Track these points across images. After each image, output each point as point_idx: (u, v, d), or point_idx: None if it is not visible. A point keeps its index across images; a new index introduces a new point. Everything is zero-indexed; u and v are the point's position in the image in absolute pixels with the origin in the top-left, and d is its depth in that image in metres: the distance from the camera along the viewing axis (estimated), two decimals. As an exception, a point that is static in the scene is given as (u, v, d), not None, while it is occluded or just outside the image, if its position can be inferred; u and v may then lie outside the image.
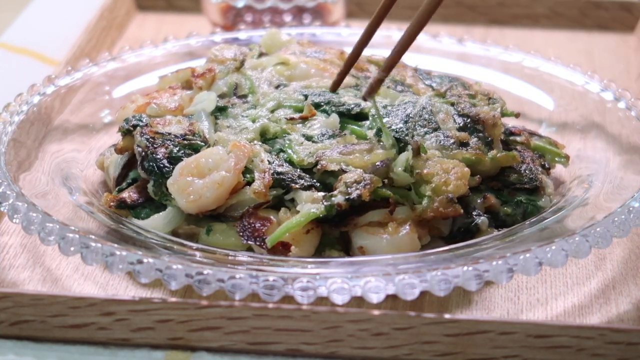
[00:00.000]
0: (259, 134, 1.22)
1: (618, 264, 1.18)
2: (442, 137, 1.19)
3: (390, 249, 1.11)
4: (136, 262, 1.03)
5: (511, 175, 1.21)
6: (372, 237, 1.12)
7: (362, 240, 1.12)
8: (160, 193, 1.17)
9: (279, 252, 1.10)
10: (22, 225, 1.09)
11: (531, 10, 1.82)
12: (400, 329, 1.03)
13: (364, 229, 1.13)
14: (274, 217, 1.13)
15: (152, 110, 1.27)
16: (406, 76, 1.33)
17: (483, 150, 1.19)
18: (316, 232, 1.13)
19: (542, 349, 1.02)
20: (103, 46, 1.69)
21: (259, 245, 1.11)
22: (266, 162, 1.16)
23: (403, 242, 1.11)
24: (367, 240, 1.12)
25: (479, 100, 1.27)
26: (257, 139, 1.21)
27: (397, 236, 1.11)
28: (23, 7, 1.83)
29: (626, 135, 1.28)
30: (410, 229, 1.12)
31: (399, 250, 1.11)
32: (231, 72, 1.32)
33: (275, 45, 1.40)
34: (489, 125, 1.22)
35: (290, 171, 1.16)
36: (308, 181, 1.15)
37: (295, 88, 1.29)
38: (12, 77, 1.58)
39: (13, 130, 1.25)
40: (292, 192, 1.15)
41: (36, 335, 1.07)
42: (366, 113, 1.24)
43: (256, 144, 1.19)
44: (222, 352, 1.06)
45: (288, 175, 1.15)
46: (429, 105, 1.24)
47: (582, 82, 1.39)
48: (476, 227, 1.16)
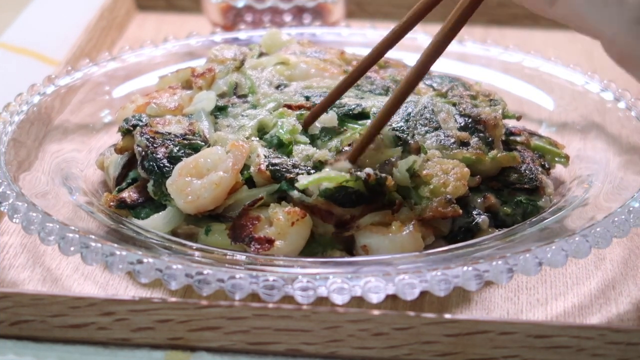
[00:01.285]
0: (257, 130, 1.22)
1: (618, 264, 1.18)
2: (442, 137, 1.19)
3: (393, 248, 1.11)
4: (136, 262, 1.03)
5: (511, 175, 1.21)
6: (375, 236, 1.12)
7: (366, 239, 1.12)
8: (160, 193, 1.17)
9: (264, 247, 1.10)
10: (22, 225, 1.09)
11: (531, 11, 1.81)
12: (400, 329, 1.03)
13: (368, 227, 1.12)
14: (263, 215, 1.13)
15: (151, 110, 1.27)
16: None
17: (483, 150, 1.19)
18: (304, 225, 1.12)
19: (542, 349, 1.02)
20: (103, 46, 1.69)
21: (246, 245, 1.11)
22: (262, 156, 1.16)
23: (406, 240, 1.11)
24: (370, 238, 1.12)
25: (480, 102, 1.27)
26: (254, 135, 1.21)
27: (401, 235, 1.11)
28: (23, 7, 1.83)
29: (626, 135, 1.28)
30: (414, 228, 1.12)
31: (403, 248, 1.11)
32: (231, 71, 1.32)
33: (275, 45, 1.40)
34: (490, 125, 1.22)
35: (284, 162, 1.16)
36: (303, 169, 1.15)
37: (296, 89, 1.29)
38: (12, 77, 1.58)
39: (13, 130, 1.25)
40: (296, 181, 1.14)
41: (36, 335, 1.07)
42: (367, 112, 1.23)
43: (253, 140, 1.19)
44: (222, 352, 1.06)
45: (282, 166, 1.15)
46: (430, 105, 1.24)
47: (582, 82, 1.39)
48: (477, 227, 1.16)
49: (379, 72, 1.33)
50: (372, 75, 1.31)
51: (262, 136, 1.21)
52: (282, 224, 1.11)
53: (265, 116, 1.23)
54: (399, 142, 1.17)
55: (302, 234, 1.12)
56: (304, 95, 1.27)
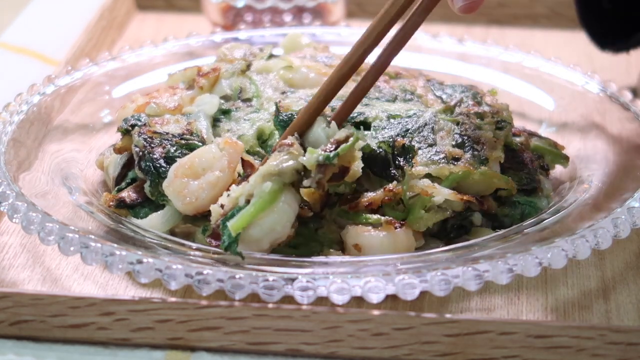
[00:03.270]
0: (256, 138, 1.21)
1: (618, 264, 1.18)
2: (432, 152, 1.17)
3: (386, 246, 1.10)
4: (136, 262, 1.03)
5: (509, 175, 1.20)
6: (367, 235, 1.11)
7: (357, 238, 1.11)
8: (157, 193, 1.17)
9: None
10: (22, 225, 1.09)
11: (531, 10, 1.81)
12: (400, 329, 1.03)
13: (360, 227, 1.12)
14: None
15: (151, 109, 1.27)
16: (417, 86, 1.30)
17: (474, 165, 1.16)
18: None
19: (542, 349, 1.02)
20: (103, 46, 1.69)
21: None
22: None
23: (399, 239, 1.11)
24: (362, 237, 1.11)
25: (486, 124, 1.23)
26: (256, 145, 1.20)
27: (394, 232, 1.11)
28: (23, 7, 1.82)
29: (626, 135, 1.28)
30: (406, 225, 1.12)
31: (395, 247, 1.10)
32: (237, 74, 1.31)
33: (294, 48, 1.39)
34: (489, 146, 1.19)
35: None
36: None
37: (301, 96, 1.27)
38: (12, 77, 1.58)
39: (13, 130, 1.25)
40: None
41: (36, 335, 1.07)
42: (369, 123, 1.21)
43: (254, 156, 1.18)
44: (222, 352, 1.06)
45: None
46: (432, 122, 1.21)
47: (582, 82, 1.39)
48: (470, 223, 1.15)
49: (389, 82, 1.31)
50: (380, 84, 1.30)
51: (261, 144, 1.21)
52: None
53: (263, 123, 1.22)
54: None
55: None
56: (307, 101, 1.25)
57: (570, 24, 1.79)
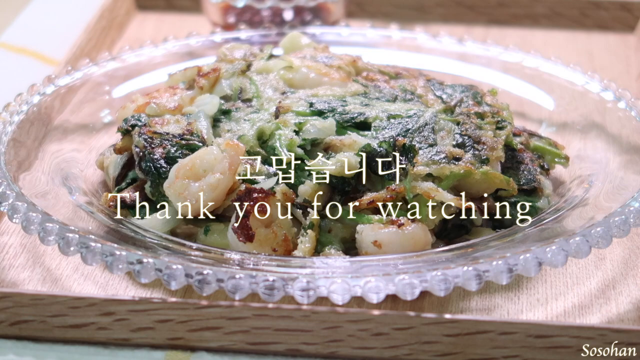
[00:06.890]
0: (256, 138, 1.21)
1: (618, 264, 1.18)
2: (433, 152, 1.17)
3: (407, 242, 1.10)
4: (136, 262, 1.03)
5: (509, 175, 1.20)
6: (387, 232, 1.10)
7: (377, 235, 1.10)
8: (157, 193, 1.17)
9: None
10: (22, 225, 1.09)
11: (531, 10, 1.82)
12: (400, 329, 1.03)
13: (376, 225, 1.12)
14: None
15: (151, 109, 1.27)
16: (417, 86, 1.30)
17: (474, 164, 1.16)
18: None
19: (542, 349, 1.02)
20: (103, 46, 1.69)
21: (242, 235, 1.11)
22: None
23: (418, 235, 1.10)
24: (381, 234, 1.10)
25: (486, 123, 1.23)
26: (256, 146, 1.20)
27: (413, 227, 1.11)
28: (23, 7, 1.83)
29: (626, 135, 1.28)
30: (422, 222, 1.12)
31: (415, 242, 1.10)
32: (237, 74, 1.31)
33: (295, 49, 1.39)
34: (490, 146, 1.19)
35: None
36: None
37: (301, 96, 1.27)
38: (12, 77, 1.58)
39: (13, 130, 1.25)
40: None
41: (36, 335, 1.07)
42: (370, 123, 1.21)
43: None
44: (222, 352, 1.06)
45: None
46: (432, 122, 1.21)
47: (582, 82, 1.39)
48: (470, 223, 1.15)
49: (389, 82, 1.31)
50: (381, 85, 1.30)
51: (262, 144, 1.21)
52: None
53: (263, 124, 1.22)
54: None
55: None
56: (308, 102, 1.25)
57: (570, 24, 1.80)
